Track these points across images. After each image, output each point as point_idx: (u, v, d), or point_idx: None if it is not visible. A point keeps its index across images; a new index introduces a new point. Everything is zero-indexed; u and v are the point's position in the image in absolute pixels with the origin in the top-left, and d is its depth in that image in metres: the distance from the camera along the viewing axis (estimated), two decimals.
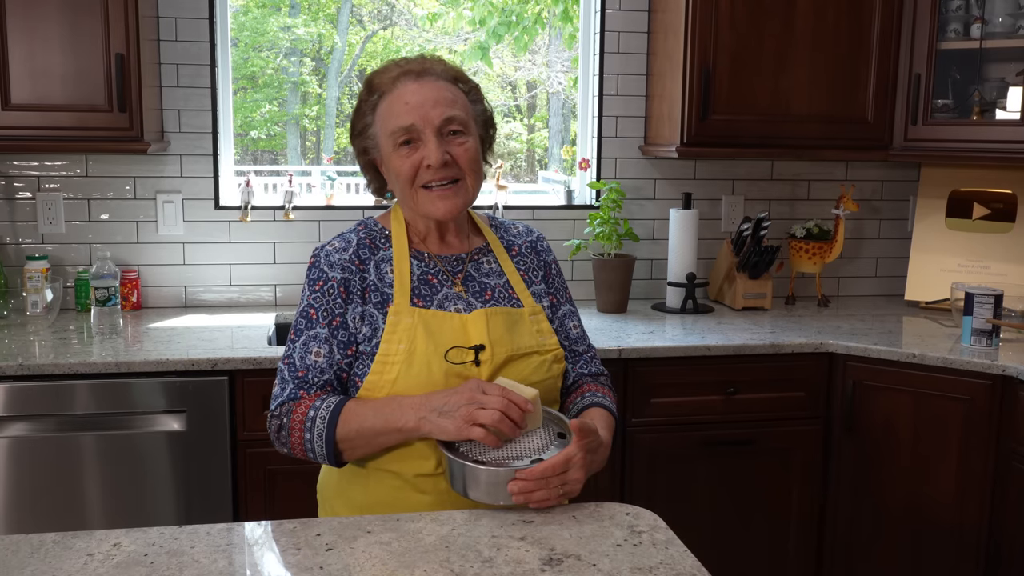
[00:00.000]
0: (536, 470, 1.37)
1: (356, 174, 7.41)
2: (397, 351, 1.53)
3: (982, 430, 2.48)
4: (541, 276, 1.70)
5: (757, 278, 3.11)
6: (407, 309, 1.55)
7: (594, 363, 1.74)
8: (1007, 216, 3.11)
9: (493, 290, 1.64)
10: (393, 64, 1.61)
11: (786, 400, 2.68)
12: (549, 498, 1.39)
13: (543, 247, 1.74)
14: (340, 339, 1.56)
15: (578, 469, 1.40)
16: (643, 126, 3.25)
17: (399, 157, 1.56)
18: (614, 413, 1.65)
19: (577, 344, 1.72)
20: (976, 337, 2.59)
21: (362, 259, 1.59)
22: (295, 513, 2.38)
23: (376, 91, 1.59)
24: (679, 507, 2.62)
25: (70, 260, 2.98)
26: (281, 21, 12.62)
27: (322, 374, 1.55)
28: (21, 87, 2.56)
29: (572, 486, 1.41)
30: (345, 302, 1.56)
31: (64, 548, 1.27)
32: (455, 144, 1.57)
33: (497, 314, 1.59)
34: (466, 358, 1.54)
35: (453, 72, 1.61)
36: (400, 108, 1.55)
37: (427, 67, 1.59)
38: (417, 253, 1.63)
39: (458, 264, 1.65)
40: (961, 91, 3.06)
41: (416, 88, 1.55)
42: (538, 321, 1.64)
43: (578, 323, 1.74)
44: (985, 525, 2.51)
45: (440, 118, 1.54)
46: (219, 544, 1.29)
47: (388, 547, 1.30)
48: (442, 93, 1.56)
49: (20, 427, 2.33)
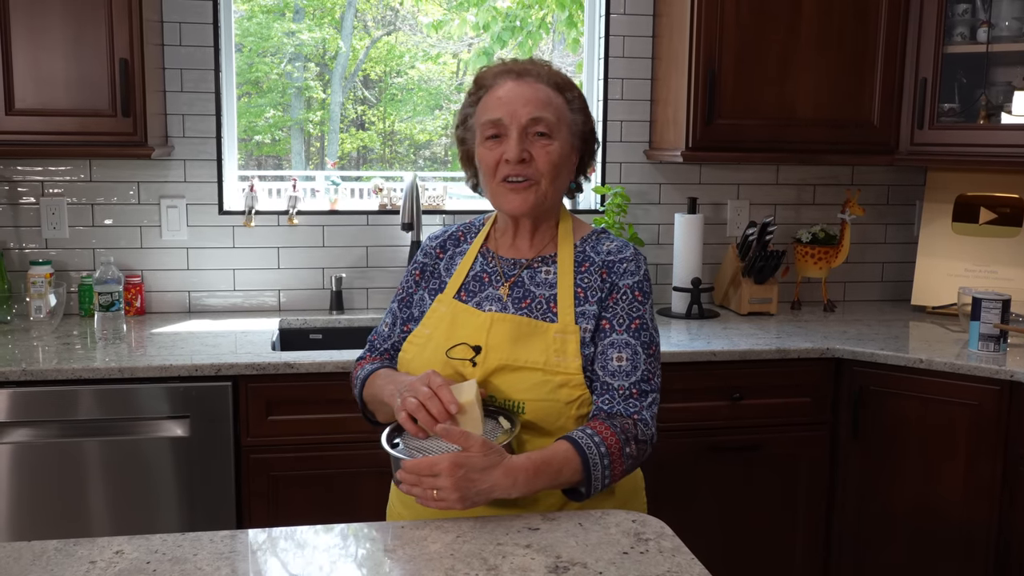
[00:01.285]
0: (409, 464, 1.38)
1: (360, 179, 7.41)
2: (422, 335, 1.64)
3: (990, 436, 2.47)
4: (599, 298, 1.59)
5: (763, 283, 3.09)
6: (448, 300, 1.64)
7: (625, 402, 1.55)
8: (1014, 220, 3.09)
9: (534, 299, 1.61)
10: (500, 62, 1.66)
11: (792, 406, 2.67)
12: (425, 497, 1.37)
13: (622, 269, 1.60)
14: (402, 315, 1.73)
15: (445, 477, 1.35)
16: (648, 130, 3.24)
17: (485, 149, 1.60)
18: (582, 450, 1.46)
19: (614, 377, 1.55)
20: (983, 342, 2.58)
21: (445, 248, 1.72)
22: (299, 519, 2.38)
23: (481, 87, 1.64)
24: (685, 513, 2.61)
25: (74, 265, 2.98)
26: (285, 26, 12.64)
27: (385, 342, 1.75)
28: (25, 92, 2.56)
29: (444, 494, 1.36)
30: (416, 284, 1.72)
31: (66, 556, 1.26)
32: (538, 145, 1.58)
33: (505, 321, 1.58)
34: (465, 356, 1.57)
35: (557, 78, 1.63)
36: (494, 103, 1.59)
37: (529, 68, 1.62)
38: (485, 251, 1.69)
39: (515, 268, 1.66)
40: (967, 95, 3.04)
41: (513, 86, 1.59)
42: (564, 341, 1.56)
43: (628, 356, 1.56)
44: (993, 531, 2.49)
45: (527, 116, 1.56)
46: (222, 551, 1.28)
47: (392, 555, 1.29)
48: (537, 94, 1.58)
49: (23, 433, 2.32)
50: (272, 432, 2.42)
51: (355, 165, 13.61)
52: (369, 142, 13.97)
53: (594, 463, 1.46)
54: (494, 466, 1.39)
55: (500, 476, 1.39)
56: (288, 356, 2.44)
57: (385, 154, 14.20)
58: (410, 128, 13.68)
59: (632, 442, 1.52)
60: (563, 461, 1.45)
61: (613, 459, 1.48)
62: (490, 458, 1.39)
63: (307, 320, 3.00)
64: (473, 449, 1.38)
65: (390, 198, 3.19)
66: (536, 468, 1.43)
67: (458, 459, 1.36)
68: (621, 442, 1.50)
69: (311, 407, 2.42)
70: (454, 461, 1.36)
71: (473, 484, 1.37)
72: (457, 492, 1.35)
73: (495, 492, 1.39)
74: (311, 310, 3.10)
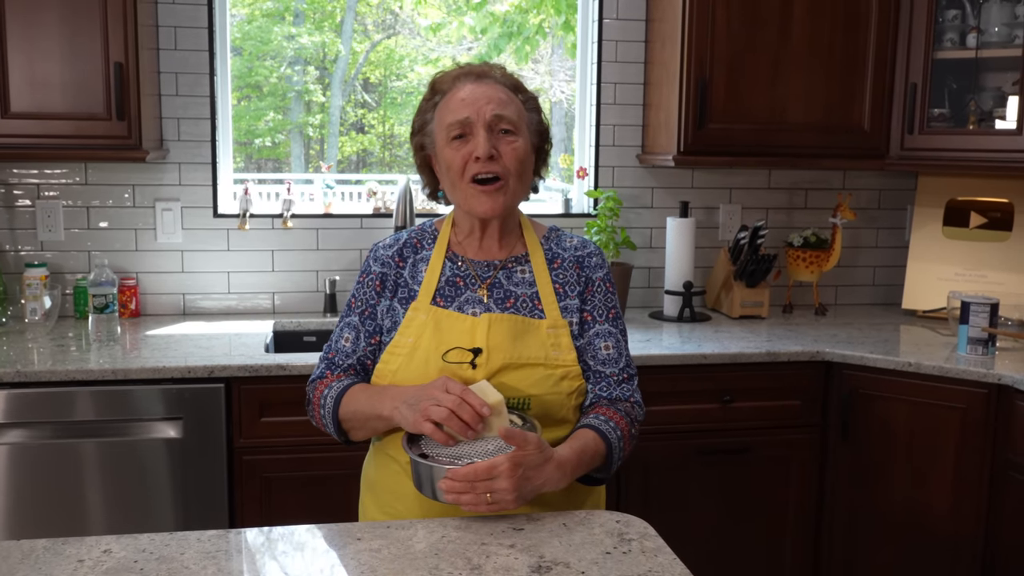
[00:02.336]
0: (460, 472, 1.38)
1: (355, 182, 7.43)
2: (404, 344, 1.62)
3: (978, 439, 2.48)
4: (578, 292, 1.66)
5: (754, 286, 3.11)
6: (426, 307, 1.63)
7: (620, 387, 1.65)
8: (1004, 225, 3.11)
9: (517, 299, 1.64)
10: (455, 68, 1.68)
11: (782, 409, 2.68)
12: (477, 503, 1.38)
13: (592, 263, 1.69)
14: (367, 328, 1.68)
15: (505, 479, 1.37)
16: (640, 135, 3.26)
17: (451, 150, 1.61)
18: (606, 436, 1.55)
19: (605, 365, 1.65)
20: (972, 346, 2.59)
21: (404, 256, 1.70)
22: (292, 520, 2.39)
23: (438, 92, 1.66)
24: (675, 515, 2.62)
25: (69, 267, 3.00)
26: (285, 30, 12.66)
27: (347, 358, 1.69)
28: (20, 95, 2.57)
29: (500, 495, 1.37)
30: (378, 295, 1.68)
31: (54, 554, 1.27)
32: (504, 142, 1.60)
33: (502, 321, 1.60)
34: (463, 359, 1.57)
35: (512, 80, 1.67)
36: (456, 104, 1.61)
37: (487, 71, 1.65)
38: (453, 255, 1.69)
39: (489, 270, 1.67)
40: (957, 100, 3.06)
41: (474, 87, 1.61)
42: (556, 335, 1.62)
43: (614, 344, 1.66)
44: (981, 534, 2.50)
45: (491, 113, 1.59)
46: (209, 551, 1.30)
47: (377, 554, 1.30)
48: (497, 94, 1.61)
49: (18, 434, 2.33)
50: (265, 434, 2.44)
51: (355, 168, 13.62)
52: (369, 145, 13.99)
53: (615, 447, 1.56)
54: (547, 461, 1.44)
55: (553, 470, 1.44)
56: (281, 358, 2.46)
57: (385, 157, 14.21)
58: (409, 131, 13.66)
59: (635, 423, 1.65)
60: (595, 449, 1.53)
61: (625, 442, 1.59)
62: (544, 454, 1.43)
63: (301, 323, 3.01)
64: (530, 447, 1.41)
65: (384, 201, 3.21)
66: (579, 458, 1.50)
67: (516, 458, 1.39)
68: (628, 425, 1.62)
69: (304, 409, 2.42)
70: (514, 461, 1.39)
71: (529, 481, 1.41)
72: (515, 492, 1.38)
73: (547, 486, 1.44)
74: (305, 312, 3.12)
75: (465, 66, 1.68)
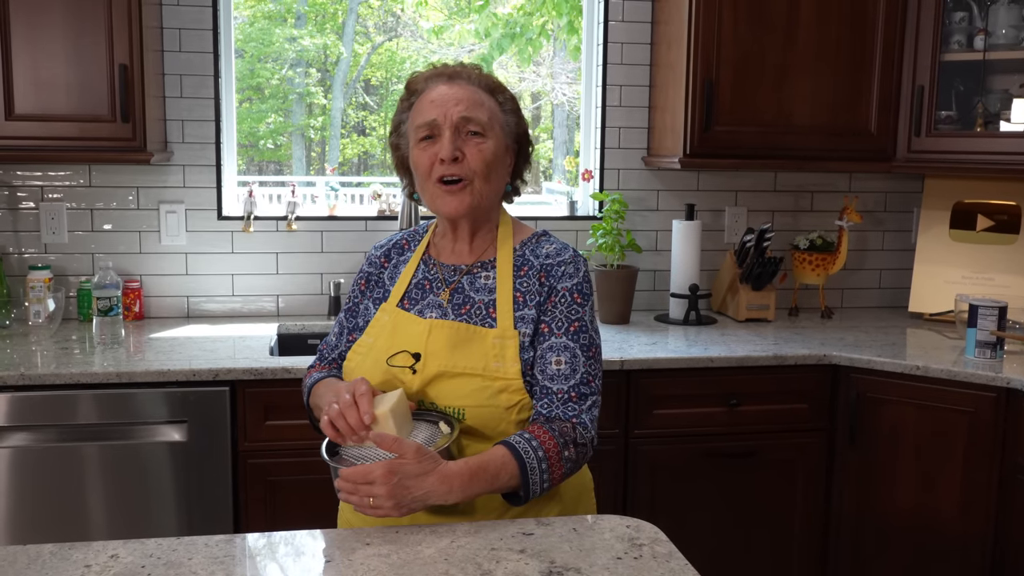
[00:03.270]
0: (345, 472, 1.39)
1: (359, 185, 7.43)
2: (365, 344, 1.64)
3: (986, 443, 2.47)
4: (537, 302, 1.58)
5: (760, 289, 3.10)
6: (391, 309, 1.64)
7: (565, 406, 1.53)
8: (1011, 228, 3.10)
9: (473, 305, 1.61)
10: (431, 68, 1.66)
11: (789, 412, 2.67)
12: (362, 505, 1.38)
13: (560, 272, 1.59)
14: (348, 325, 1.73)
15: (379, 485, 1.35)
16: (646, 137, 3.25)
17: (419, 150, 1.60)
18: (520, 456, 1.45)
19: (553, 381, 1.54)
20: (980, 349, 2.58)
21: (390, 257, 1.72)
22: (297, 524, 2.38)
23: (412, 92, 1.64)
24: (681, 519, 2.61)
25: (73, 270, 2.99)
26: (287, 32, 12.67)
27: (332, 351, 1.76)
28: (25, 97, 2.56)
29: (379, 501, 1.36)
30: (362, 294, 1.72)
31: (61, 559, 1.26)
32: (471, 143, 1.57)
33: (443, 327, 1.57)
34: (405, 363, 1.57)
35: (488, 81, 1.64)
36: (427, 105, 1.59)
37: (460, 72, 1.63)
38: (427, 258, 1.69)
39: (455, 274, 1.65)
40: (964, 103, 3.05)
41: (445, 89, 1.59)
42: (502, 346, 1.55)
43: (567, 360, 1.55)
44: (990, 538, 2.49)
45: (458, 115, 1.56)
46: (217, 556, 1.29)
47: (387, 559, 1.29)
48: (468, 95, 1.59)
49: (22, 437, 2.33)
50: (270, 437, 2.43)
51: (356, 171, 13.63)
52: (370, 148, 13.99)
53: (531, 467, 1.45)
54: (428, 472, 1.39)
55: (435, 482, 1.39)
56: (286, 361, 2.45)
57: (386, 160, 14.21)
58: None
59: (571, 445, 1.51)
60: (500, 466, 1.44)
61: (552, 463, 1.47)
62: (424, 464, 1.39)
63: (305, 325, 3.00)
64: (407, 455, 1.38)
65: (388, 204, 3.20)
66: (472, 473, 1.42)
67: (392, 466, 1.37)
68: (560, 446, 1.49)
69: None
70: (388, 468, 1.37)
71: (408, 491, 1.37)
72: (392, 499, 1.36)
73: (431, 498, 1.39)
74: (309, 315, 3.11)
75: (440, 66, 1.65)
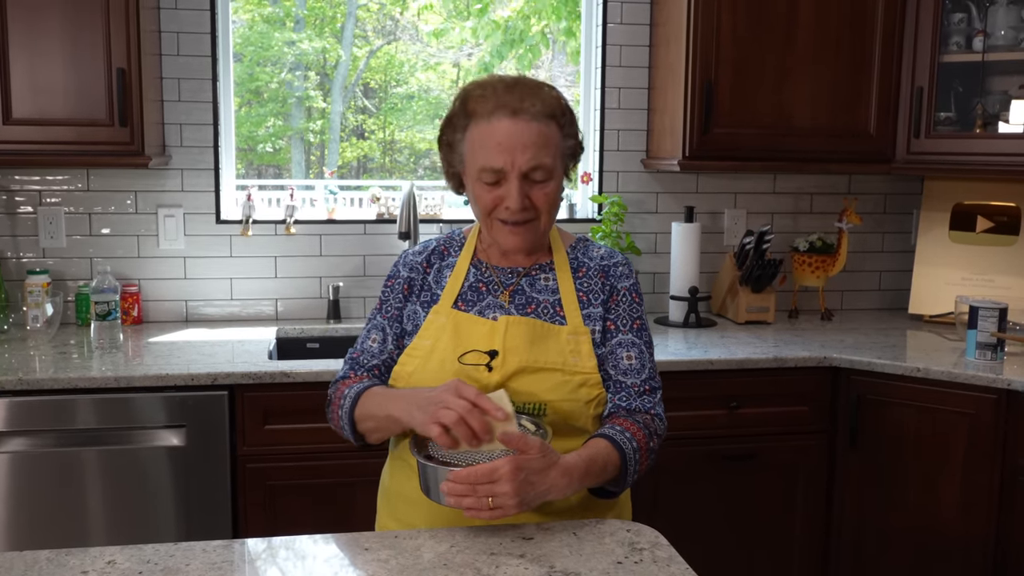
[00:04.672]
0: (461, 473, 1.34)
1: (358, 188, 7.42)
2: (422, 347, 1.61)
3: (987, 444, 2.46)
4: (602, 300, 1.63)
5: (760, 292, 3.09)
6: (446, 310, 1.63)
7: (641, 399, 1.61)
8: (1011, 229, 3.09)
9: (539, 304, 1.62)
10: (492, 89, 1.55)
11: (790, 415, 2.66)
12: (479, 508, 1.33)
13: (618, 272, 1.66)
14: (393, 331, 1.68)
15: (506, 482, 1.32)
16: (645, 139, 3.24)
17: (481, 188, 1.57)
18: (620, 447, 1.49)
19: (626, 376, 1.61)
20: (981, 351, 2.57)
21: (431, 262, 1.70)
22: (296, 529, 2.37)
23: (470, 115, 1.56)
24: (681, 522, 2.60)
25: (71, 274, 2.98)
26: (286, 36, 12.67)
27: (372, 359, 1.68)
28: (22, 102, 2.56)
29: (501, 500, 1.32)
30: (405, 299, 1.68)
31: (58, 566, 1.26)
32: (536, 188, 1.56)
33: (520, 324, 1.58)
34: (479, 361, 1.56)
35: (550, 108, 1.56)
36: (491, 146, 1.53)
37: (524, 106, 1.53)
38: (478, 262, 1.68)
39: (512, 276, 1.66)
40: (964, 104, 3.05)
41: (509, 127, 1.52)
42: (576, 342, 1.59)
43: (636, 355, 1.62)
44: (991, 540, 2.48)
45: (527, 165, 1.52)
46: (214, 561, 1.28)
47: (385, 564, 1.29)
48: (534, 137, 1.52)
49: (20, 442, 2.32)
50: (269, 441, 2.42)
51: (355, 174, 13.62)
52: (369, 151, 13.99)
53: (629, 459, 1.50)
54: (551, 466, 1.39)
55: (557, 476, 1.39)
56: (284, 365, 2.44)
57: (385, 163, 14.21)
58: (410, 137, 13.69)
59: (654, 437, 1.58)
60: (607, 458, 1.47)
61: (641, 455, 1.53)
62: (548, 459, 1.39)
63: (304, 329, 2.99)
64: (532, 451, 1.37)
65: (387, 207, 3.19)
66: (587, 466, 1.44)
67: (519, 462, 1.35)
68: (646, 437, 1.55)
69: (308, 416, 2.41)
70: (516, 464, 1.34)
71: (532, 487, 1.36)
72: (517, 496, 1.33)
73: (551, 493, 1.39)
74: (308, 319, 3.10)
75: (500, 88, 1.55)
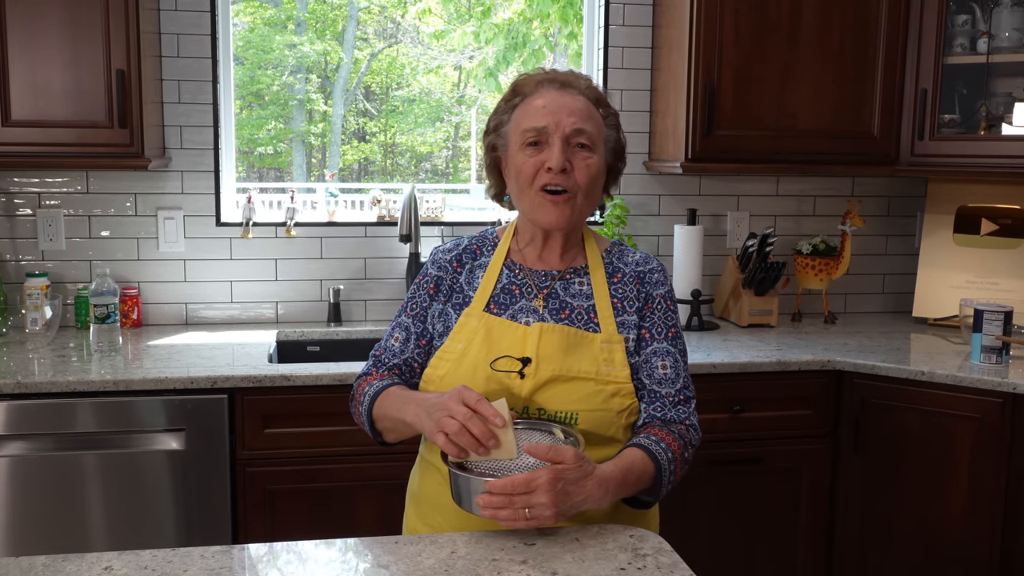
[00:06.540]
0: (498, 484, 1.32)
1: (359, 191, 7.41)
2: (454, 350, 1.59)
3: (993, 448, 2.44)
4: (636, 308, 1.61)
5: (763, 295, 3.08)
6: (478, 313, 1.60)
7: (675, 409, 1.58)
8: (1016, 232, 3.08)
9: (573, 310, 1.60)
10: (541, 71, 1.64)
11: (793, 418, 2.64)
12: (515, 519, 1.31)
13: (653, 279, 1.64)
14: (416, 330, 1.67)
15: (543, 493, 1.31)
16: (647, 142, 3.23)
17: (524, 155, 1.57)
18: (656, 457, 1.47)
19: (661, 385, 1.59)
20: (986, 354, 2.56)
21: (462, 262, 1.68)
22: (296, 533, 2.36)
23: (519, 94, 1.61)
24: (684, 526, 2.58)
25: (70, 277, 2.97)
26: (287, 39, 12.68)
27: (394, 357, 1.67)
28: (22, 103, 2.55)
29: (538, 511, 1.31)
30: (431, 298, 1.67)
31: (54, 571, 1.24)
32: (579, 157, 1.56)
33: (554, 331, 1.56)
34: (512, 368, 1.54)
35: (597, 94, 1.62)
36: (536, 110, 1.57)
37: (572, 80, 1.60)
38: (511, 263, 1.66)
39: (547, 280, 1.64)
40: (968, 106, 3.03)
41: (556, 95, 1.57)
42: (611, 351, 1.57)
43: (671, 364, 1.60)
44: (997, 544, 2.46)
45: (571, 127, 1.55)
46: (213, 567, 1.27)
47: (386, 570, 1.27)
48: (579, 105, 1.57)
49: (18, 446, 2.30)
50: (268, 445, 2.41)
51: (356, 177, 13.63)
52: (370, 154, 13.99)
53: (664, 470, 1.49)
54: (588, 476, 1.37)
55: (594, 486, 1.37)
56: (284, 368, 2.42)
57: (386, 166, 14.21)
58: (411, 140, 13.70)
59: (689, 447, 1.57)
60: (642, 469, 1.46)
61: (676, 465, 1.52)
62: (585, 469, 1.37)
63: (305, 332, 2.98)
64: (568, 460, 1.35)
65: (388, 210, 3.18)
66: (623, 476, 1.43)
67: (557, 472, 1.33)
68: (681, 447, 1.54)
69: (308, 420, 2.40)
70: (554, 475, 1.33)
71: (569, 497, 1.34)
72: (554, 507, 1.32)
73: (587, 503, 1.38)
74: (309, 322, 3.08)
75: (551, 71, 1.63)
